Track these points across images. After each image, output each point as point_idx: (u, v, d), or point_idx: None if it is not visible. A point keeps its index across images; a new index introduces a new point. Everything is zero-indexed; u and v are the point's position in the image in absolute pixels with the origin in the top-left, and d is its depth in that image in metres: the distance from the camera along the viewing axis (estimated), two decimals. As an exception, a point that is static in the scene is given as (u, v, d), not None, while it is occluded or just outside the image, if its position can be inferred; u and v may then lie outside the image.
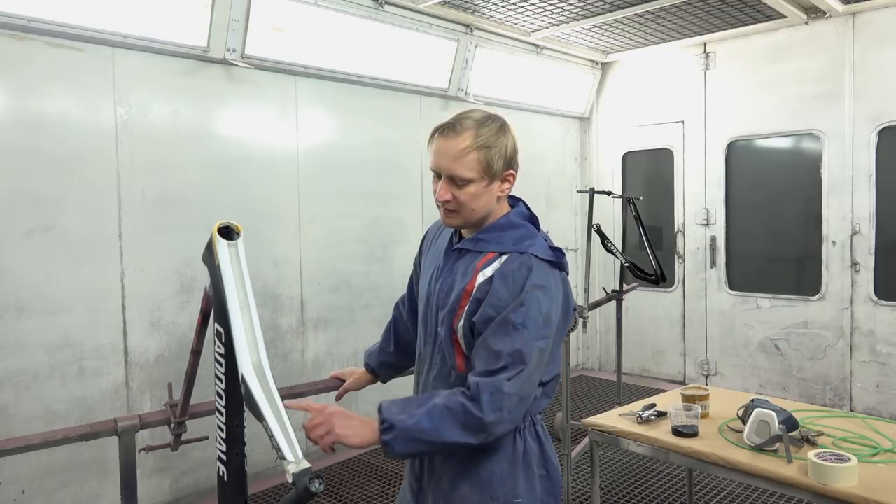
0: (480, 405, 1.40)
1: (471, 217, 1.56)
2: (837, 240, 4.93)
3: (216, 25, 3.55)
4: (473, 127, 1.52)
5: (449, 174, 1.52)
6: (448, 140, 1.52)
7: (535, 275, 1.48)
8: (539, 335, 1.46)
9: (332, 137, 4.40)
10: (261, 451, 3.68)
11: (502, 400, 1.41)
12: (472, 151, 1.50)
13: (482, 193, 1.54)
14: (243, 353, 1.22)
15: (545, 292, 1.48)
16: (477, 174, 1.51)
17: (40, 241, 3.14)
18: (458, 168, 1.50)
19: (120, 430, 1.73)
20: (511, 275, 1.49)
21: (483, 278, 1.53)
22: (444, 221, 1.61)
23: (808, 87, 5.02)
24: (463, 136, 1.51)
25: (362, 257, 4.53)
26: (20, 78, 3.08)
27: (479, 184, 1.52)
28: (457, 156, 1.50)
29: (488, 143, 1.51)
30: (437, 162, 1.54)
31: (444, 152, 1.52)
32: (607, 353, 6.43)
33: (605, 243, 4.38)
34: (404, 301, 1.96)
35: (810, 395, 5.07)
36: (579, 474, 3.90)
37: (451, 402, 1.41)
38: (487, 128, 1.53)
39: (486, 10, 4.67)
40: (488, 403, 1.40)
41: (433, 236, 1.80)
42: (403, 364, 1.98)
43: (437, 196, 1.55)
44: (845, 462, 1.92)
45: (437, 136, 1.55)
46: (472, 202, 1.53)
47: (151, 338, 3.54)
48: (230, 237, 1.33)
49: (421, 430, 1.39)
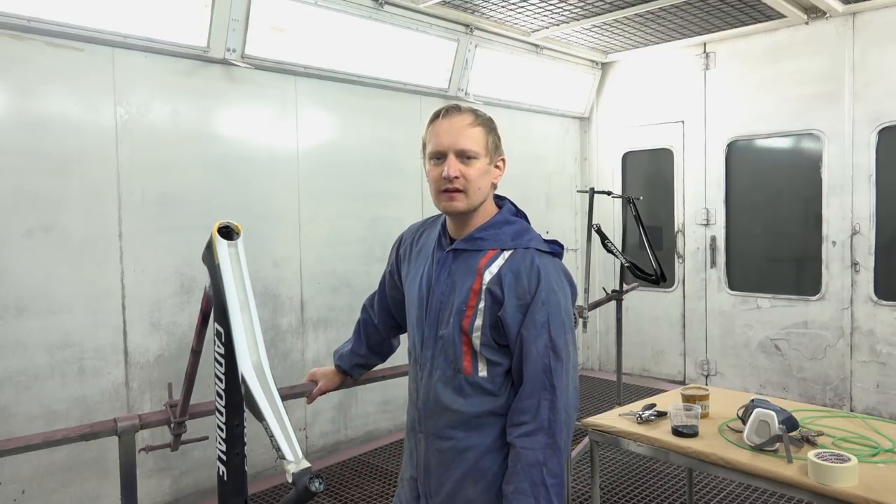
0: (557, 443, 1.49)
1: (475, 199, 1.58)
2: (837, 240, 4.93)
3: (216, 25, 3.55)
4: (470, 109, 1.62)
5: (457, 148, 1.55)
6: (453, 118, 1.58)
7: (545, 274, 1.54)
8: (567, 329, 1.57)
9: (332, 137, 4.40)
10: (261, 451, 3.68)
11: (568, 415, 1.52)
12: (477, 125, 1.58)
13: (485, 173, 1.59)
14: (243, 353, 1.22)
15: (561, 290, 1.57)
16: (482, 149, 1.58)
17: (40, 241, 3.14)
18: (465, 142, 1.55)
19: (120, 430, 1.73)
20: (525, 273, 1.54)
21: (490, 276, 1.55)
22: (446, 207, 1.59)
23: (808, 87, 5.02)
24: (465, 114, 1.59)
25: (362, 257, 4.53)
26: (20, 78, 3.08)
27: (483, 160, 1.58)
28: (464, 129, 1.56)
29: (487, 124, 1.61)
30: (442, 140, 1.56)
31: (450, 129, 1.56)
32: (607, 353, 6.43)
33: (605, 243, 4.37)
34: (374, 303, 1.97)
35: (810, 395, 5.07)
36: (579, 474, 3.90)
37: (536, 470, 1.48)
38: (481, 113, 1.64)
39: (486, 10, 4.67)
40: (561, 430, 1.50)
41: (411, 241, 1.79)
42: (374, 362, 2.04)
43: (446, 173, 1.54)
44: (845, 462, 1.92)
45: (438, 118, 1.59)
46: (479, 180, 1.57)
47: (151, 338, 3.53)
48: (230, 237, 1.33)
49: None
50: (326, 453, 4.34)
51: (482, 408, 1.54)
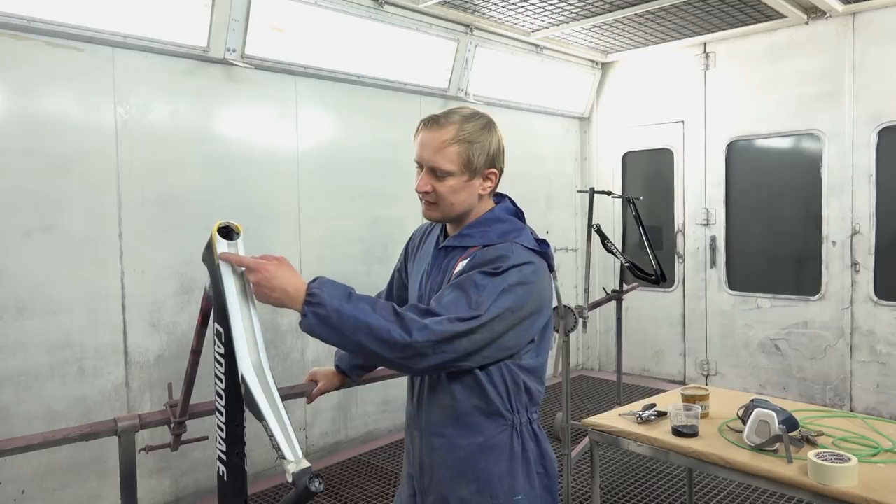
0: (409, 327, 1.35)
1: (450, 211, 1.58)
2: (837, 240, 4.93)
3: (216, 25, 3.55)
4: (458, 122, 1.54)
5: (429, 165, 1.54)
6: (431, 132, 1.54)
7: (514, 254, 1.48)
8: (506, 293, 1.43)
9: (332, 137, 4.40)
10: (261, 451, 3.68)
11: (439, 330, 1.36)
12: (453, 144, 1.52)
13: (462, 188, 1.55)
14: (243, 353, 1.22)
15: (525, 266, 1.47)
16: (457, 168, 1.53)
17: (40, 241, 3.14)
18: (438, 160, 1.53)
19: (120, 430, 1.73)
20: (491, 249, 1.51)
21: (461, 266, 1.54)
22: (424, 214, 1.62)
23: (808, 87, 5.02)
24: (446, 129, 1.53)
25: (362, 257, 4.53)
26: (20, 78, 3.08)
27: (458, 178, 1.54)
28: (438, 147, 1.53)
29: (470, 139, 1.53)
30: (420, 153, 1.56)
31: (427, 143, 1.54)
32: (607, 353, 6.43)
33: (605, 243, 4.38)
34: None
35: (810, 395, 5.07)
36: (579, 474, 3.90)
37: (385, 314, 1.37)
38: (472, 123, 1.55)
39: (486, 10, 4.67)
40: (420, 330, 1.35)
41: (420, 239, 1.81)
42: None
43: (416, 187, 1.57)
44: (845, 462, 1.92)
45: (421, 127, 1.58)
46: (450, 196, 1.55)
47: (151, 338, 3.53)
48: (230, 237, 1.33)
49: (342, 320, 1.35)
50: (326, 453, 4.34)
51: (471, 402, 1.53)
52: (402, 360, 1.37)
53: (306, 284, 1.37)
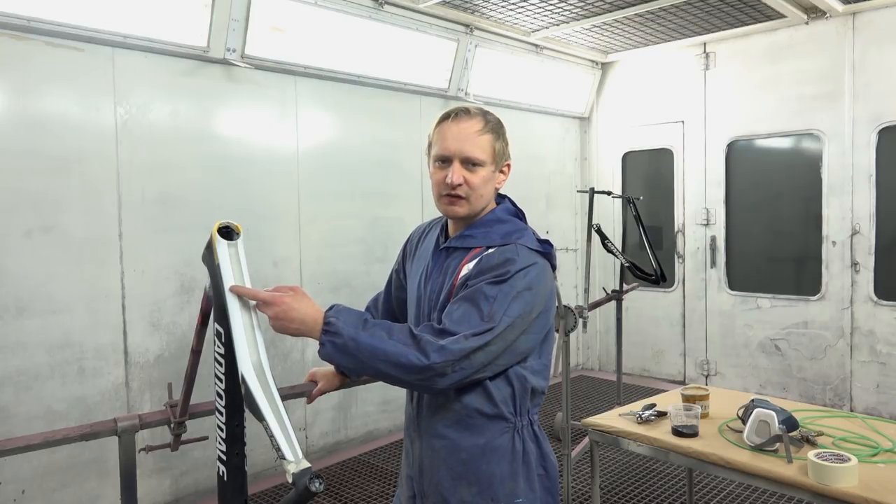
0: (426, 350, 1.37)
1: (477, 205, 1.57)
2: (837, 240, 4.93)
3: (216, 25, 3.55)
4: (481, 113, 1.58)
5: (464, 156, 1.53)
6: (462, 123, 1.55)
7: (520, 257, 1.49)
8: (515, 300, 1.44)
9: (332, 137, 4.40)
10: (261, 451, 3.68)
11: (457, 349, 1.38)
12: (485, 133, 1.55)
13: (490, 180, 1.57)
14: (243, 353, 1.22)
15: (531, 269, 1.49)
16: (489, 157, 1.55)
17: (40, 241, 3.14)
18: (473, 149, 1.53)
19: (120, 430, 1.73)
20: (497, 253, 1.51)
21: (468, 269, 1.53)
22: (446, 210, 1.59)
23: (808, 87, 5.02)
24: (476, 118, 1.56)
25: (362, 257, 4.53)
26: (20, 78, 3.08)
27: (488, 168, 1.56)
28: (472, 136, 1.53)
29: (495, 129, 1.58)
30: (449, 145, 1.54)
31: (458, 134, 1.53)
32: (607, 353, 6.43)
33: (605, 243, 4.38)
34: (377, 303, 1.95)
35: (810, 395, 5.07)
36: (579, 474, 3.90)
37: (402, 338, 1.39)
38: (491, 115, 1.60)
39: (486, 10, 4.67)
40: (437, 352, 1.36)
41: (418, 240, 1.80)
42: None
43: (450, 179, 1.52)
44: (845, 462, 1.92)
45: (448, 121, 1.56)
46: (482, 187, 1.55)
47: (151, 338, 3.53)
48: (230, 237, 1.33)
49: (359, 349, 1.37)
50: (326, 453, 4.34)
51: (474, 405, 1.53)
52: (422, 381, 1.39)
53: (323, 313, 1.39)
